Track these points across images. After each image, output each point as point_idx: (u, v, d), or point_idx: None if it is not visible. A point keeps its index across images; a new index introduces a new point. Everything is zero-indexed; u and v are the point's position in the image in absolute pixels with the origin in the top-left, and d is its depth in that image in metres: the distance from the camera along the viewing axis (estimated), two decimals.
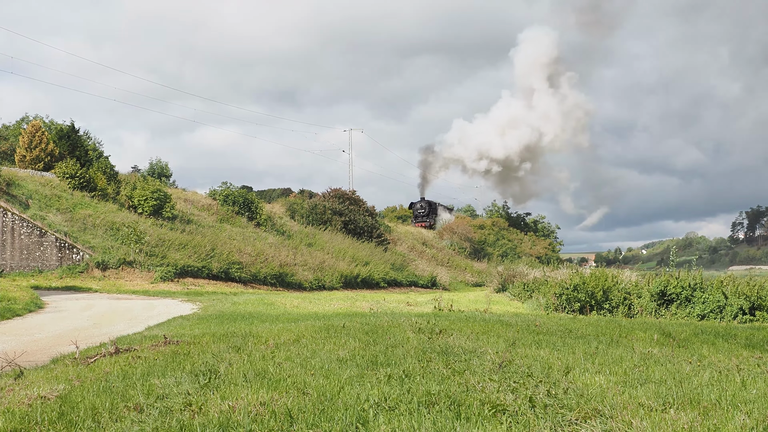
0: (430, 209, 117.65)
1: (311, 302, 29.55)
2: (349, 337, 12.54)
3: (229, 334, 14.01)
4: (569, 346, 12.40)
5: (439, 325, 15.23)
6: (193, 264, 45.68)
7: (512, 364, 9.67)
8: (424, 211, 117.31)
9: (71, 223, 46.16)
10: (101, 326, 20.92)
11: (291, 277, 52.08)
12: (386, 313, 20.99)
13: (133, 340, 14.57)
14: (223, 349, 11.37)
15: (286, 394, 7.80)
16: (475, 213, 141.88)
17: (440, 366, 9.42)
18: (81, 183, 51.06)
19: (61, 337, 18.10)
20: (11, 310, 24.46)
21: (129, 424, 7.02)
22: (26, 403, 8.08)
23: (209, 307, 27.06)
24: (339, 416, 6.90)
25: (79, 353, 12.28)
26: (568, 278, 30.26)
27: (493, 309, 25.77)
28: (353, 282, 58.13)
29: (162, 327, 18.45)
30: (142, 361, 10.66)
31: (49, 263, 43.46)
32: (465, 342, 12.11)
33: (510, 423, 6.81)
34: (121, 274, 42.83)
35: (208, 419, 6.95)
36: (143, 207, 51.68)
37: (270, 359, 10.14)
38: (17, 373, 10.75)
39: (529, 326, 16.25)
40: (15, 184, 47.69)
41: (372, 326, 14.77)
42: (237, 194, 63.83)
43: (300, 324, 16.33)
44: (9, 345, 16.29)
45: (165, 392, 8.15)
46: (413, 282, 67.55)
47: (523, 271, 51.21)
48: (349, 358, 10.17)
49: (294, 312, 23.61)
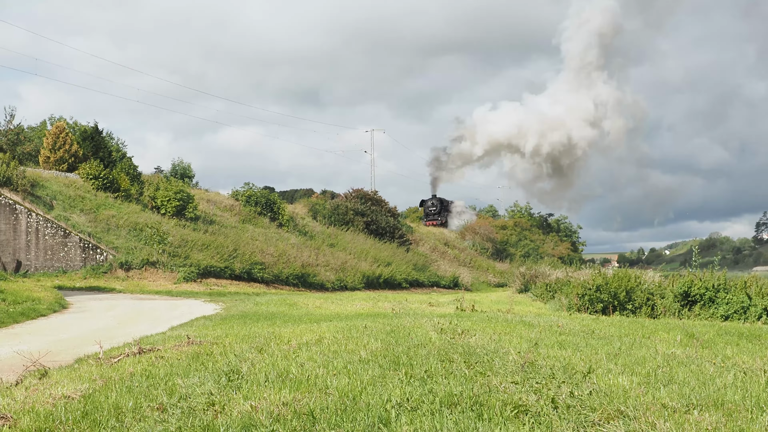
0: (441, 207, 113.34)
1: (333, 303, 29.54)
2: (371, 338, 12.54)
3: (251, 335, 14.04)
4: (592, 346, 12.36)
5: (462, 325, 15.21)
6: (215, 264, 45.81)
7: (534, 365, 9.64)
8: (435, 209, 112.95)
9: (95, 223, 46.38)
10: (125, 326, 21.01)
11: (313, 277, 52.17)
12: (408, 314, 20.97)
13: (156, 340, 14.61)
14: (245, 350, 11.40)
15: (308, 394, 7.81)
16: (497, 213, 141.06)
17: (462, 366, 9.41)
18: (104, 184, 51.31)
19: (84, 337, 18.18)
20: (36, 310, 24.61)
21: (152, 423, 7.05)
22: (50, 403, 8.12)
23: (232, 307, 27.11)
24: (361, 416, 6.90)
25: (103, 353, 12.34)
26: (591, 279, 30.12)
27: (515, 309, 25.68)
28: (375, 282, 58.17)
29: (185, 327, 18.49)
30: (165, 361, 10.70)
31: (73, 264, 43.69)
32: (487, 342, 12.10)
33: (532, 424, 6.79)
34: (145, 275, 43.00)
35: (231, 419, 6.97)
36: (166, 208, 51.86)
37: (292, 359, 10.15)
38: (42, 372, 10.82)
39: (551, 327, 16.21)
40: (39, 185, 47.97)
41: (394, 327, 14.78)
42: (259, 195, 63.97)
43: (322, 324, 16.35)
44: (34, 345, 16.38)
45: (188, 392, 8.17)
46: (435, 282, 67.52)
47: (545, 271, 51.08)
48: (371, 358, 10.17)
49: (316, 312, 23.61)
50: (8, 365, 13.32)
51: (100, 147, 60.35)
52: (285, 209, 65.17)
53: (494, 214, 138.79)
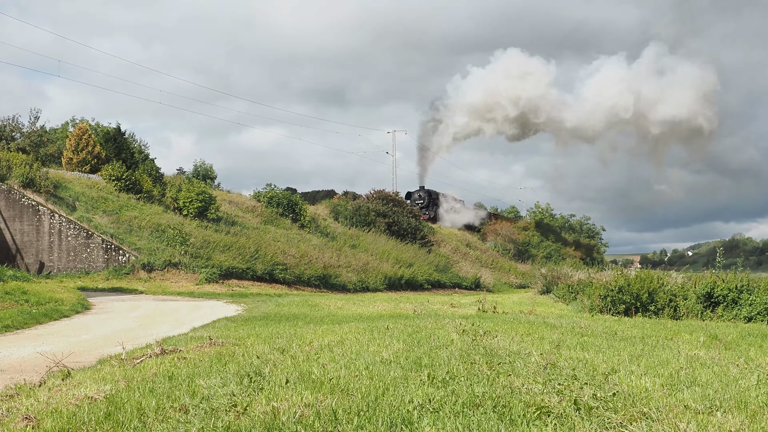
0: (430, 200, 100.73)
1: (355, 304, 29.55)
2: (393, 339, 12.54)
3: (273, 336, 14.07)
4: (614, 348, 12.32)
5: (483, 326, 15.19)
6: (237, 265, 45.91)
7: (557, 366, 9.62)
8: (422, 203, 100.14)
9: (117, 224, 46.60)
10: (147, 327, 21.08)
11: (335, 278, 52.21)
12: (430, 315, 20.97)
13: (178, 341, 14.65)
14: (267, 351, 11.41)
15: (330, 395, 7.81)
16: (519, 214, 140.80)
17: (484, 368, 9.40)
18: (127, 185, 51.55)
19: (107, 338, 18.26)
20: (59, 311, 24.73)
21: (175, 424, 7.07)
22: (74, 404, 8.15)
23: (254, 308, 27.16)
24: (384, 418, 6.90)
25: (126, 354, 12.38)
26: (613, 280, 30.00)
27: (537, 311, 25.61)
28: (397, 283, 58.13)
29: (207, 328, 18.54)
30: (187, 362, 10.73)
31: (95, 265, 43.90)
32: (509, 344, 12.08)
33: (555, 425, 6.78)
34: (167, 276, 43.15)
35: (253, 420, 6.98)
36: (188, 209, 52.00)
37: (314, 360, 10.16)
38: (65, 373, 10.86)
39: (573, 328, 16.18)
40: (62, 186, 48.26)
41: (416, 328, 14.77)
42: (281, 196, 64.05)
43: (344, 326, 16.36)
44: (57, 346, 16.47)
45: (210, 393, 8.19)
46: (457, 284, 67.43)
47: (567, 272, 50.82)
48: (393, 359, 10.16)
49: (338, 313, 23.63)
50: (31, 366, 13.39)
51: (123, 148, 60.68)
52: (307, 210, 65.23)
53: (516, 215, 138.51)
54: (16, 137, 60.46)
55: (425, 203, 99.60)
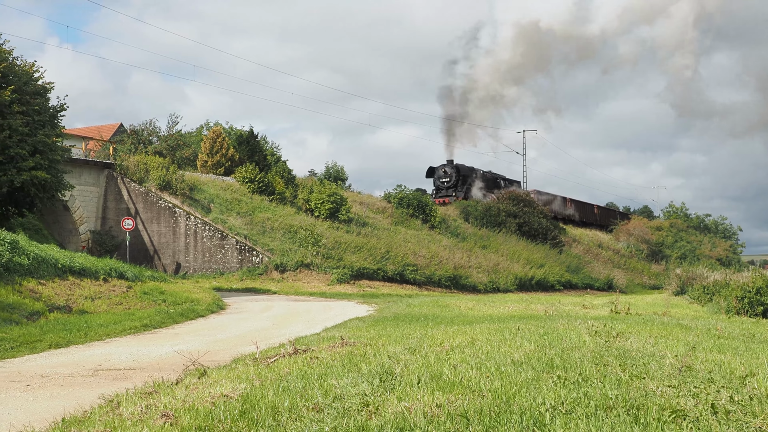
0: (458, 178, 77.66)
1: (485, 304, 29.42)
2: (524, 340, 12.43)
3: (404, 336, 14.09)
4: (752, 350, 11.96)
5: (616, 328, 14.94)
6: (368, 266, 46.27)
7: (692, 369, 9.40)
8: (449, 181, 77.72)
9: (250, 226, 47.45)
10: (280, 327, 21.42)
11: (465, 279, 52.12)
12: (561, 316, 20.73)
13: (310, 341, 14.81)
14: (398, 351, 11.43)
15: (461, 396, 7.78)
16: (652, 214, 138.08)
17: (617, 370, 9.24)
18: (260, 187, 52.44)
19: (241, 337, 18.61)
20: (195, 311, 25.36)
21: (308, 423, 7.13)
22: (210, 401, 8.31)
23: (384, 309, 27.31)
24: (515, 419, 6.85)
25: (259, 353, 12.57)
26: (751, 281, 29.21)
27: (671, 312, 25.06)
28: (527, 284, 57.74)
29: (338, 328, 18.69)
30: (319, 361, 10.83)
31: (229, 265, 44.80)
32: (643, 346, 11.84)
33: (691, 429, 6.62)
34: (299, 276, 43.79)
35: (385, 420, 7.00)
36: (320, 210, 52.55)
37: (445, 361, 10.14)
38: (201, 372, 11.09)
39: (709, 330, 15.78)
40: (197, 188, 49.41)
41: (547, 329, 14.62)
42: (411, 197, 64.19)
43: (474, 326, 16.29)
44: (193, 345, 16.87)
45: (342, 393, 8.24)
46: (588, 284, 66.63)
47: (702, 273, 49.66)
48: (524, 360, 10.07)
49: (468, 314, 23.56)
50: (169, 364, 13.75)
51: (255, 151, 61.75)
52: (437, 211, 65.21)
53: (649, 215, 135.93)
54: (153, 141, 62.12)
55: (452, 182, 77.70)
